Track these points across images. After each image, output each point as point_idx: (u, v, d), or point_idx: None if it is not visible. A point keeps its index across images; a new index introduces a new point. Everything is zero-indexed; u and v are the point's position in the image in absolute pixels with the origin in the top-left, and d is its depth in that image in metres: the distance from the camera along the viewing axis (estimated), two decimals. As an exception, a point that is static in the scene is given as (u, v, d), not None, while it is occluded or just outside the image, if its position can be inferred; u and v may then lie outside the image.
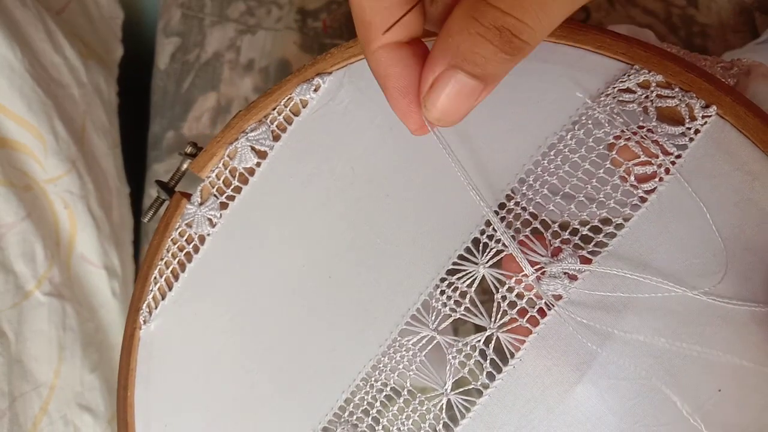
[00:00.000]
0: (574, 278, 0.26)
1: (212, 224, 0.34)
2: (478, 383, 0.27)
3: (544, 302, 0.26)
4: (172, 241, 0.35)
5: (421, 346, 0.29)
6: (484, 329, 0.28)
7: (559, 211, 0.27)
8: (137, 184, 0.68)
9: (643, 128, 0.27)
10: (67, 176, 0.51)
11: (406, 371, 0.29)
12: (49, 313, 0.48)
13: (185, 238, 0.35)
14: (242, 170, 0.34)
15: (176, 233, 0.35)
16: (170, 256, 0.35)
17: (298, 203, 0.33)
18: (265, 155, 0.34)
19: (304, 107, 0.33)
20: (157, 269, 0.35)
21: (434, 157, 0.30)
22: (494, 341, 0.27)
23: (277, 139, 0.34)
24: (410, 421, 0.29)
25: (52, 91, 0.51)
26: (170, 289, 0.35)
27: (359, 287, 0.31)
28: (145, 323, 0.35)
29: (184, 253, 0.35)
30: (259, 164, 0.34)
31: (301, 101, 0.33)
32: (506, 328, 0.27)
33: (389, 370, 0.29)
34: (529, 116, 0.29)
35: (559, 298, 0.26)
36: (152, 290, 0.35)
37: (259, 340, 0.33)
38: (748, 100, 0.26)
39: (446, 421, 0.28)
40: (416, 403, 0.29)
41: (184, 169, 0.36)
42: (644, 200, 0.26)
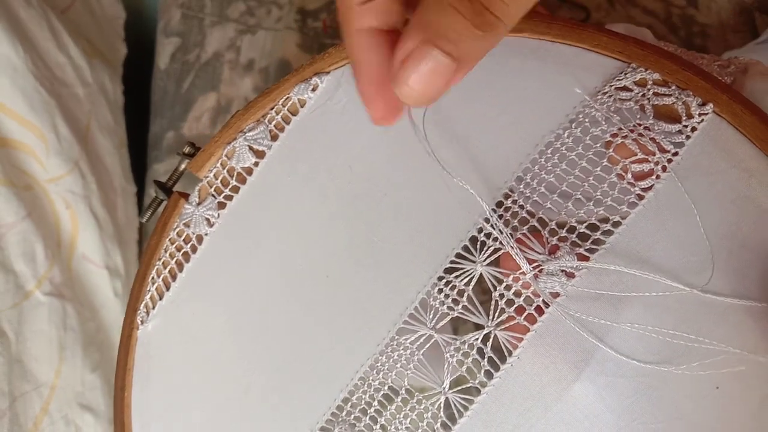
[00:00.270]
0: (571, 276, 0.26)
1: (210, 224, 0.34)
2: (476, 381, 0.27)
3: (541, 300, 0.26)
4: (170, 241, 0.35)
5: (419, 344, 0.29)
6: (482, 327, 0.28)
7: (556, 209, 0.27)
8: (139, 183, 0.68)
9: (640, 126, 0.27)
10: (69, 176, 0.51)
11: (404, 370, 0.29)
12: (49, 313, 0.48)
13: (183, 238, 0.35)
14: (240, 170, 0.34)
15: (174, 233, 0.35)
16: (168, 256, 0.35)
17: (296, 203, 0.33)
18: (263, 155, 0.34)
19: (302, 107, 0.33)
20: (154, 269, 0.35)
21: (433, 161, 0.30)
22: (492, 339, 0.27)
23: (275, 138, 0.34)
24: (408, 420, 0.29)
25: (55, 90, 0.51)
26: (168, 289, 0.35)
27: (357, 286, 0.31)
28: (142, 323, 0.35)
29: (181, 253, 0.35)
30: (257, 164, 0.34)
31: (299, 101, 0.33)
32: (504, 326, 0.27)
33: (387, 369, 0.29)
34: (526, 115, 0.29)
35: (556, 295, 0.26)
36: (150, 290, 0.35)
37: (256, 339, 0.33)
38: (744, 97, 0.26)
39: (444, 419, 0.28)
40: (414, 401, 0.29)
41: (182, 169, 0.36)
42: (641, 198, 0.26)
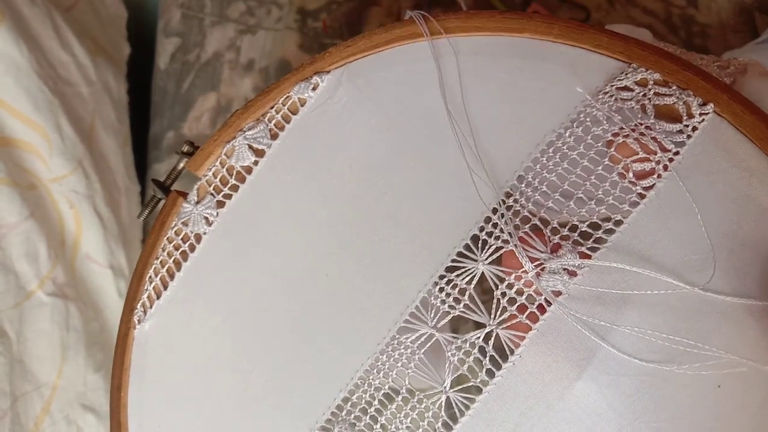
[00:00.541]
0: (573, 274, 0.26)
1: (209, 223, 0.34)
2: (477, 380, 0.27)
3: (543, 298, 0.26)
4: (167, 239, 0.35)
5: (419, 343, 0.29)
6: (483, 326, 0.28)
7: (558, 207, 0.27)
8: (140, 183, 0.67)
9: (641, 125, 0.27)
10: (72, 175, 0.51)
11: (404, 369, 0.29)
12: (51, 313, 0.48)
13: (181, 236, 0.35)
14: (239, 169, 0.34)
15: (172, 232, 0.35)
16: (166, 254, 0.35)
17: (295, 202, 0.33)
18: (262, 154, 0.34)
19: (302, 106, 0.33)
20: (152, 268, 0.35)
21: (433, 155, 0.30)
22: (494, 338, 0.27)
23: (275, 137, 0.33)
24: (409, 419, 0.29)
25: (59, 89, 0.51)
26: (165, 288, 0.35)
27: (357, 285, 0.31)
28: (139, 323, 0.35)
29: (179, 251, 0.35)
30: (256, 163, 0.34)
31: (299, 100, 0.33)
32: (506, 324, 0.27)
33: (388, 368, 0.29)
34: (527, 114, 0.29)
35: (558, 294, 0.26)
36: (147, 289, 0.35)
37: (255, 339, 0.33)
38: (744, 97, 0.26)
39: (445, 419, 0.28)
40: (415, 401, 0.29)
41: (180, 167, 0.36)
42: (643, 197, 0.26)
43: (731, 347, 0.25)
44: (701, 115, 0.27)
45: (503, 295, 0.27)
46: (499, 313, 0.27)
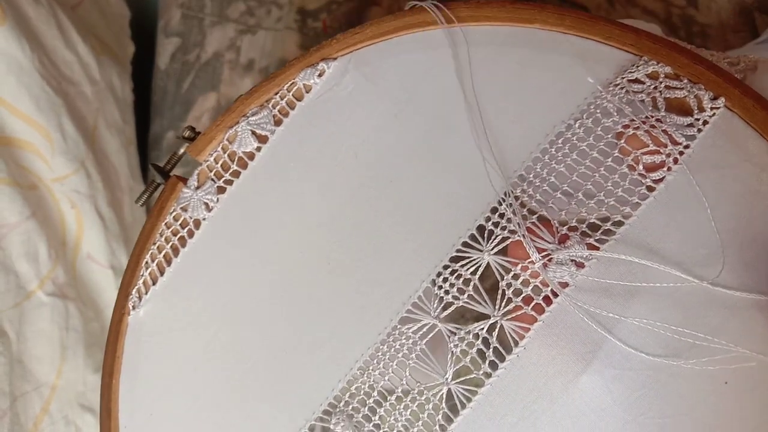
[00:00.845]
0: (581, 266, 0.26)
1: (208, 209, 0.34)
2: (480, 372, 0.27)
3: (550, 290, 0.26)
4: (165, 225, 0.34)
5: (422, 334, 0.28)
6: (487, 318, 0.27)
7: (566, 198, 0.27)
8: (142, 183, 0.67)
9: (651, 118, 0.27)
10: (74, 175, 0.51)
11: (405, 360, 0.28)
12: (51, 313, 0.47)
13: (180, 222, 0.34)
14: (241, 154, 0.33)
15: (170, 217, 0.34)
16: (163, 240, 0.34)
17: (298, 189, 0.32)
18: (265, 140, 0.33)
19: (307, 92, 0.33)
20: (149, 253, 0.34)
21: (440, 144, 0.30)
22: (498, 329, 0.27)
23: (278, 123, 0.33)
24: (408, 411, 0.28)
25: (62, 88, 0.50)
26: (162, 274, 0.34)
27: (358, 275, 0.30)
28: (134, 309, 0.34)
29: (177, 237, 0.34)
30: (259, 149, 0.33)
31: (304, 86, 0.33)
32: (510, 316, 0.27)
33: (388, 358, 0.29)
34: (537, 104, 0.28)
35: (565, 285, 0.26)
36: (143, 275, 0.34)
37: (252, 327, 0.32)
38: (756, 93, 0.26)
39: (446, 411, 0.27)
40: (415, 392, 0.28)
41: (181, 152, 0.35)
42: (652, 189, 0.26)
43: (739, 342, 0.25)
44: (712, 109, 0.27)
45: (508, 286, 0.27)
46: (504, 304, 0.27)
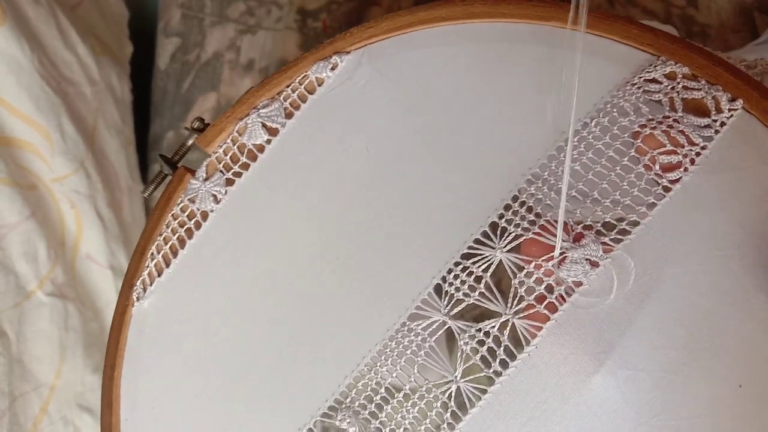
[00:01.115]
0: (595, 265, 0.25)
1: (216, 201, 0.33)
2: (490, 371, 0.27)
3: (563, 288, 0.26)
4: (172, 216, 0.34)
5: (431, 331, 0.28)
6: (498, 316, 0.27)
7: (581, 197, 0.27)
8: (141, 183, 0.66)
9: (668, 118, 0.27)
10: (74, 175, 0.51)
11: (414, 357, 0.28)
12: (50, 313, 0.47)
13: (187, 213, 0.34)
14: (251, 147, 0.33)
15: (178, 208, 0.34)
16: (170, 231, 0.34)
17: (308, 182, 0.32)
18: (276, 132, 0.33)
19: (319, 85, 0.32)
20: (155, 244, 0.34)
21: (453, 141, 0.30)
22: (509, 328, 0.26)
23: (289, 116, 0.33)
24: (416, 408, 0.28)
25: (62, 89, 0.51)
26: (168, 265, 0.34)
27: (368, 270, 0.30)
28: (138, 300, 0.34)
29: (184, 229, 0.34)
30: (269, 141, 0.33)
31: (316, 79, 0.32)
32: (523, 314, 0.26)
33: (396, 355, 0.28)
34: (553, 102, 0.28)
35: (579, 285, 0.26)
36: (148, 266, 0.34)
37: (258, 321, 0.32)
38: (775, 95, 0.26)
39: (454, 409, 0.27)
40: (423, 390, 0.28)
41: (189, 143, 0.35)
42: (668, 190, 0.26)
43: (754, 346, 0.24)
44: (730, 110, 0.26)
45: (521, 284, 0.26)
46: (516, 302, 0.26)
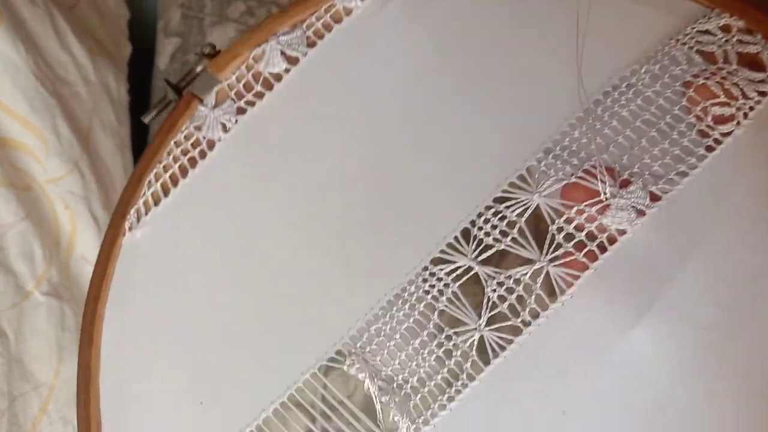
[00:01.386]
0: (641, 214, 0.24)
1: (225, 130, 0.31)
2: (518, 320, 0.25)
3: (606, 236, 0.24)
4: (175, 143, 0.32)
5: (455, 276, 0.26)
6: (531, 263, 0.25)
7: (629, 144, 0.25)
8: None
9: (722, 70, 0.25)
10: (69, 176, 0.50)
11: (434, 303, 0.26)
12: (47, 313, 0.47)
13: (191, 141, 0.31)
14: (267, 75, 0.31)
15: (181, 135, 0.32)
16: (171, 159, 0.31)
17: (328, 117, 0.30)
18: (296, 62, 0.31)
19: (347, 15, 0.30)
20: (153, 172, 0.31)
21: (491, 82, 0.28)
22: (543, 276, 0.25)
23: (312, 45, 0.31)
24: (433, 357, 0.26)
25: (57, 90, 0.50)
26: (166, 195, 0.31)
27: (389, 211, 0.28)
28: (130, 230, 0.31)
29: (187, 157, 0.31)
30: (287, 70, 0.31)
31: (344, 9, 0.30)
32: (558, 262, 0.25)
33: (415, 300, 0.27)
34: (601, 48, 0.27)
35: (623, 233, 0.24)
36: (144, 194, 0.31)
37: (263, 259, 0.29)
38: (834, 55, 0.25)
39: (476, 359, 0.25)
40: (443, 337, 0.26)
41: (198, 69, 0.33)
42: (719, 143, 0.25)
43: None
44: (786, 67, 0.25)
45: (559, 230, 0.25)
46: (552, 249, 0.25)
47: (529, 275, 0.25)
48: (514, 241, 0.25)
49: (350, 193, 0.29)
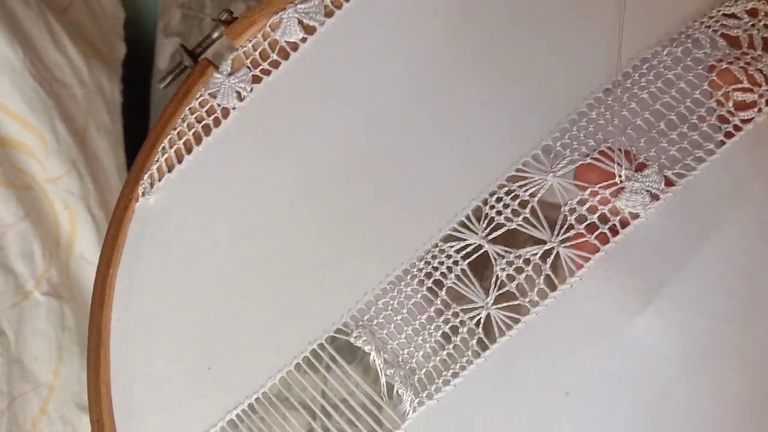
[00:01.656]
0: (656, 198, 0.24)
1: (240, 98, 0.31)
2: (526, 300, 0.25)
3: (618, 219, 0.24)
4: (189, 110, 0.31)
5: (465, 254, 0.26)
6: (541, 244, 0.25)
7: (647, 126, 0.25)
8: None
9: (746, 55, 0.25)
10: (67, 176, 0.51)
11: (443, 279, 0.26)
12: (47, 313, 0.48)
13: (206, 108, 0.31)
14: (284, 44, 0.31)
15: (196, 102, 0.31)
16: (185, 126, 0.31)
17: (343, 89, 0.30)
18: (313, 31, 0.30)
19: (367, -14, 0.30)
20: (167, 138, 0.31)
21: (506, 58, 0.28)
22: (553, 256, 0.25)
23: (329, 15, 0.30)
24: (439, 332, 0.26)
25: (53, 90, 0.51)
26: (180, 161, 0.31)
27: (399, 186, 0.28)
28: (143, 195, 0.31)
29: (202, 124, 0.31)
30: (304, 40, 0.30)
31: (364, -21, 0.30)
32: (570, 243, 0.25)
33: (424, 275, 0.27)
34: (622, 28, 0.26)
35: (636, 217, 0.24)
36: (159, 160, 0.31)
37: (274, 229, 0.29)
38: None
39: (481, 336, 0.25)
40: (449, 313, 0.26)
41: (215, 36, 0.32)
42: (739, 129, 0.24)
43: None
44: (812, 55, 0.25)
45: (572, 211, 0.25)
46: (564, 230, 0.25)
47: (539, 255, 0.25)
48: (525, 220, 0.25)
49: (362, 166, 0.29)
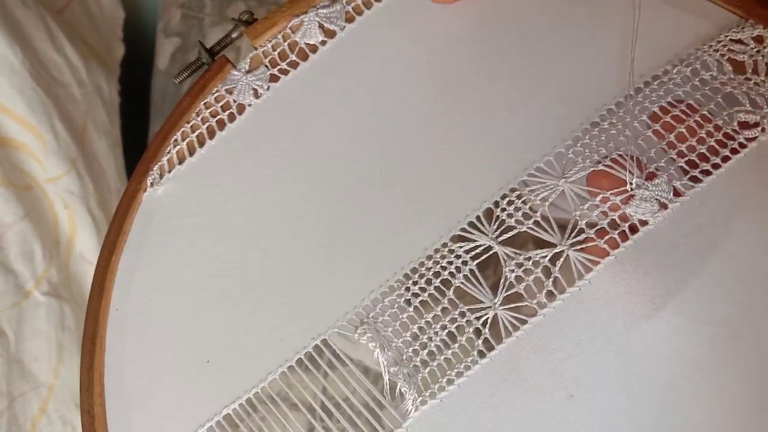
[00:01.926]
0: (664, 207, 0.25)
1: (257, 95, 0.31)
2: (533, 302, 0.25)
3: (628, 225, 0.25)
4: (205, 105, 0.32)
5: (474, 254, 0.27)
6: (551, 247, 0.25)
7: (657, 138, 0.26)
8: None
9: (750, 81, 0.26)
10: (66, 176, 0.52)
11: (451, 279, 0.27)
12: (47, 313, 0.48)
13: (221, 104, 0.32)
14: (303, 45, 0.31)
15: (212, 97, 0.32)
16: (200, 120, 0.32)
17: (360, 90, 0.30)
18: (333, 35, 0.31)
19: (388, -5, 0.31)
20: (180, 131, 0.32)
21: (520, 67, 0.29)
22: (563, 260, 0.25)
23: (350, 20, 0.31)
24: (445, 332, 0.26)
25: (52, 90, 0.52)
26: (191, 154, 0.31)
27: (411, 185, 0.28)
28: (152, 186, 0.31)
29: (216, 119, 0.31)
30: (324, 43, 0.31)
31: (385, -12, 0.31)
32: (579, 247, 0.25)
33: (432, 275, 0.27)
34: (635, 47, 0.27)
35: (644, 224, 0.25)
36: (170, 152, 0.32)
37: (283, 226, 0.29)
38: None
39: (488, 336, 0.26)
40: (456, 313, 0.26)
41: (234, 35, 0.33)
42: (744, 146, 0.25)
43: None
44: (814, 82, 0.26)
45: (582, 216, 0.25)
46: (574, 234, 0.25)
47: (548, 258, 0.25)
48: (536, 224, 0.26)
49: (375, 167, 0.29)
